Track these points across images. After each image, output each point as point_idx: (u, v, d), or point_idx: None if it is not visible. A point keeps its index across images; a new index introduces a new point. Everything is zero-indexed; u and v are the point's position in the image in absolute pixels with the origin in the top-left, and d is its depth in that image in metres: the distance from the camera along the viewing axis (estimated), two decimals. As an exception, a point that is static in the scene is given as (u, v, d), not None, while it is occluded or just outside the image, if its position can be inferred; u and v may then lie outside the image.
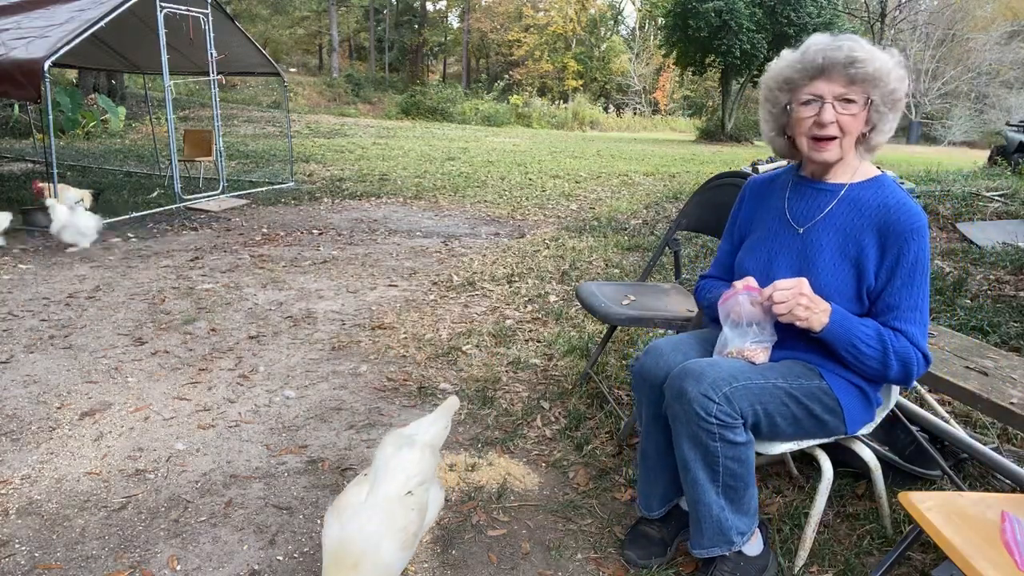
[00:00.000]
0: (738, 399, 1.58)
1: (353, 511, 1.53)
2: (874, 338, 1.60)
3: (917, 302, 1.61)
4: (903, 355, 1.59)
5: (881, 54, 1.60)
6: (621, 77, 38.03)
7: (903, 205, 1.62)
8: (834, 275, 1.66)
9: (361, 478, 1.63)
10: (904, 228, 1.59)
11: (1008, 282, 4.39)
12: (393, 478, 1.58)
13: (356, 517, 1.52)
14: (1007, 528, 1.35)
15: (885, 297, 1.63)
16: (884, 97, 1.62)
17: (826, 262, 1.68)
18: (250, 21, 30.26)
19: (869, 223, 1.64)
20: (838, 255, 1.67)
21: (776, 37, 22.53)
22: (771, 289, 1.61)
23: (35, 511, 2.06)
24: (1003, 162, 10.25)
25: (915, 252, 1.59)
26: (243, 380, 3.04)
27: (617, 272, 4.97)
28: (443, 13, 44.55)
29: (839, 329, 1.61)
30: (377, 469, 1.60)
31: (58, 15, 6.16)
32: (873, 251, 1.63)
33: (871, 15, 21.91)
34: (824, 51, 1.60)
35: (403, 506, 1.57)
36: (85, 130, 14.20)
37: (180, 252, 5.39)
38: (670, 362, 1.78)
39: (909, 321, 1.60)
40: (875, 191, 1.67)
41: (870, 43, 1.62)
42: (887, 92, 1.61)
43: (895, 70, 1.60)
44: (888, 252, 1.61)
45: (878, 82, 1.59)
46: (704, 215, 2.94)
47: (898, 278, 1.60)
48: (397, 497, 1.57)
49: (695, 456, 1.64)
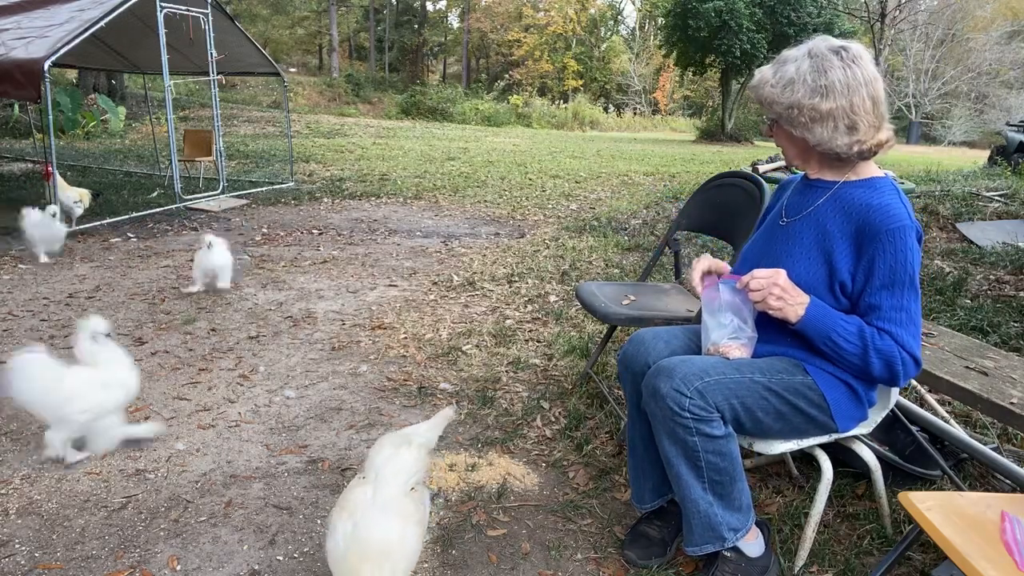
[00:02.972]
0: (711, 393, 1.60)
1: (365, 509, 1.54)
2: (854, 334, 1.60)
3: (902, 303, 1.59)
4: (886, 353, 1.58)
5: (769, 74, 1.64)
6: (621, 77, 38.06)
7: (884, 207, 1.60)
8: (807, 266, 1.68)
9: (359, 480, 1.64)
10: (878, 228, 1.57)
11: (1008, 282, 4.38)
12: (396, 476, 1.59)
13: (371, 513, 1.53)
14: (1007, 528, 1.35)
15: (865, 297, 1.62)
16: (779, 116, 1.65)
17: (801, 253, 1.70)
18: (250, 21, 30.29)
19: (848, 221, 1.64)
20: (813, 247, 1.69)
21: (776, 37, 22.54)
22: (748, 277, 1.66)
23: (35, 511, 2.06)
24: (1003, 162, 10.25)
25: (893, 254, 1.57)
26: (243, 380, 3.04)
27: (617, 272, 4.97)
28: (443, 13, 44.58)
29: (816, 322, 1.62)
30: (378, 469, 1.61)
31: (58, 15, 6.15)
32: (847, 248, 1.63)
33: (871, 15, 21.87)
34: (752, 87, 1.71)
35: (413, 500, 1.60)
36: (85, 130, 14.19)
37: (180, 252, 5.39)
38: (652, 351, 1.81)
39: (894, 322, 1.59)
40: (864, 191, 1.66)
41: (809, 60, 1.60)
42: (777, 112, 1.64)
43: (779, 90, 1.61)
44: (864, 252, 1.61)
45: (767, 106, 1.66)
46: (704, 215, 2.95)
47: (876, 279, 1.59)
48: (404, 492, 1.59)
49: (676, 452, 1.65)
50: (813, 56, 1.60)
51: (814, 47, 1.61)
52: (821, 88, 1.57)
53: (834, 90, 1.56)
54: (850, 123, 1.58)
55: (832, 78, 1.57)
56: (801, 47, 1.64)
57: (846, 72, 1.57)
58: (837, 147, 1.62)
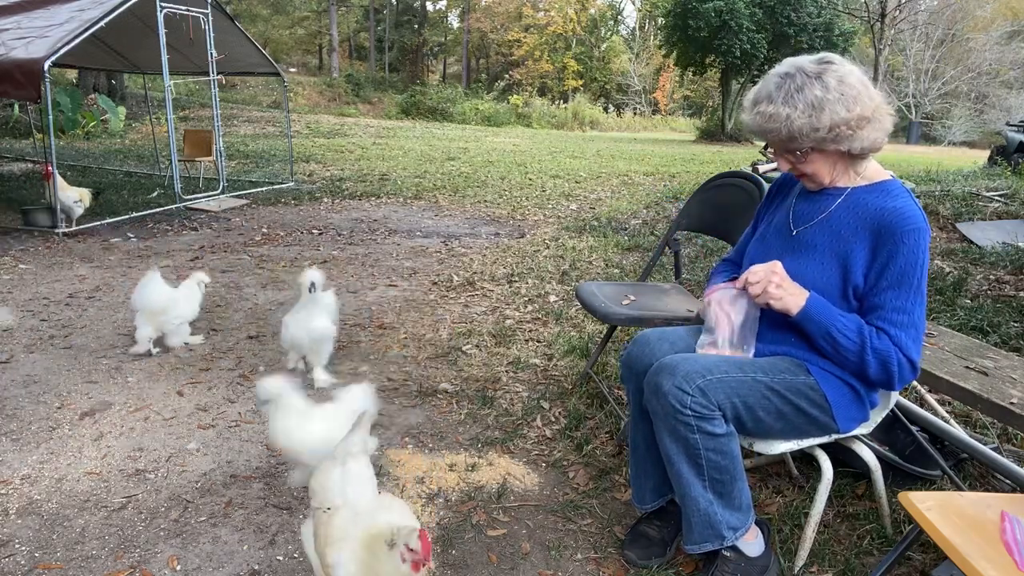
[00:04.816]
0: (713, 391, 1.60)
1: (359, 539, 1.42)
2: (854, 331, 1.61)
3: (905, 306, 1.59)
4: (883, 354, 1.58)
5: (785, 109, 1.56)
6: (621, 77, 38.05)
7: (901, 209, 1.60)
8: (821, 273, 1.67)
9: (323, 514, 1.52)
10: (897, 230, 1.58)
11: (1008, 282, 4.38)
12: (362, 492, 1.53)
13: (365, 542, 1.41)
14: (1007, 528, 1.35)
15: (871, 297, 1.63)
16: (818, 141, 1.60)
17: (815, 260, 1.69)
18: (250, 21, 30.28)
19: (864, 225, 1.64)
20: (828, 254, 1.68)
21: (776, 37, 22.54)
22: (746, 274, 1.67)
23: (35, 511, 2.06)
24: (1003, 162, 10.24)
25: (906, 256, 1.57)
26: (243, 380, 3.04)
27: (617, 272, 4.97)
28: (443, 13, 44.56)
29: (816, 315, 1.63)
30: (341, 492, 1.53)
31: (58, 15, 6.15)
32: (863, 251, 1.63)
33: (871, 15, 21.86)
34: (749, 124, 1.67)
35: (395, 505, 1.56)
36: (85, 130, 14.19)
37: (180, 252, 5.39)
38: (656, 352, 1.81)
39: (894, 324, 1.59)
40: (878, 195, 1.66)
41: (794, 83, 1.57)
42: (816, 139, 1.59)
43: (812, 117, 1.55)
44: (879, 254, 1.61)
45: (801, 139, 1.60)
46: (704, 215, 2.95)
47: (885, 279, 1.60)
48: (379, 504, 1.53)
49: (677, 450, 1.65)
50: (814, 75, 1.57)
51: (799, 69, 1.58)
52: (851, 97, 1.56)
53: (860, 93, 1.57)
54: (881, 114, 1.60)
55: (852, 82, 1.57)
56: (783, 78, 1.59)
57: (852, 73, 1.58)
58: (878, 143, 1.62)
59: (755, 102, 1.63)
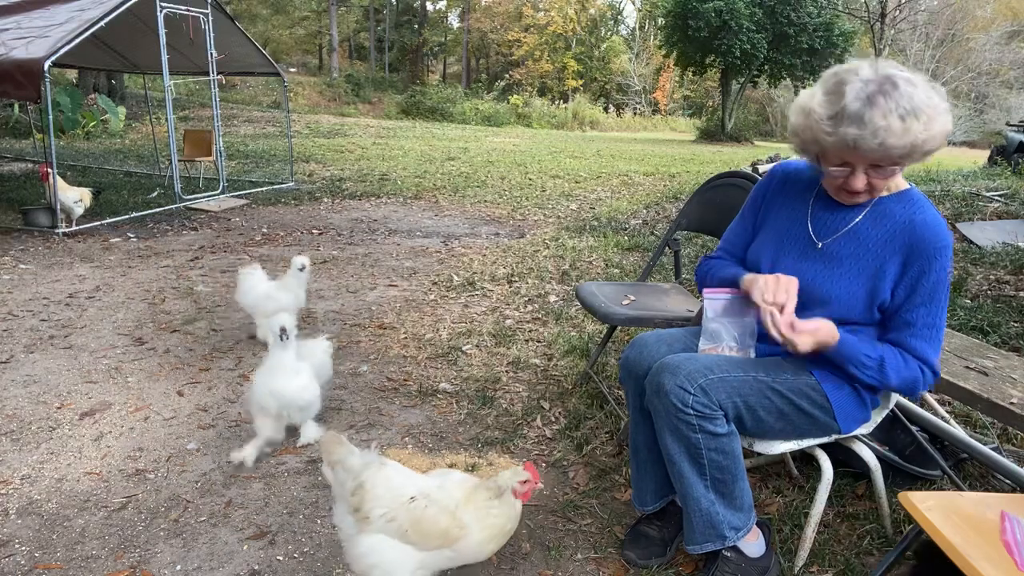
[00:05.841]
0: (714, 390, 1.60)
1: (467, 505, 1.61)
2: (874, 368, 1.61)
3: (935, 320, 1.61)
4: (909, 381, 1.61)
5: (916, 125, 1.44)
6: (621, 77, 38.05)
7: (931, 224, 1.59)
8: (847, 286, 1.65)
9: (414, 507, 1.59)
10: (930, 247, 1.57)
11: (1008, 282, 4.38)
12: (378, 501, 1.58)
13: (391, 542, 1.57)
14: (1007, 528, 1.35)
15: (903, 314, 1.62)
16: (916, 158, 1.51)
17: (841, 274, 1.65)
18: (250, 21, 30.28)
19: (893, 239, 1.62)
20: (856, 269, 1.65)
21: (776, 37, 22.56)
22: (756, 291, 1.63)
23: (35, 511, 2.06)
24: (1003, 162, 10.24)
25: (938, 272, 1.58)
26: (243, 380, 3.03)
27: (617, 272, 4.97)
28: (443, 13, 44.57)
29: (836, 356, 1.63)
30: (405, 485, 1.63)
31: (58, 15, 6.15)
32: (894, 267, 1.61)
33: (871, 15, 21.87)
34: (857, 137, 1.45)
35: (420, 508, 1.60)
36: (85, 130, 14.19)
37: (180, 252, 5.39)
38: (654, 354, 1.80)
39: (923, 338, 1.61)
40: (904, 206, 1.63)
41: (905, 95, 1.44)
42: (919, 154, 1.50)
43: (930, 135, 1.46)
44: (910, 269, 1.60)
45: (911, 155, 1.49)
46: (704, 215, 2.95)
47: (918, 295, 1.60)
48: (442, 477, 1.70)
49: (679, 449, 1.65)
50: (908, 80, 1.46)
51: (884, 76, 1.46)
52: (945, 108, 1.48)
53: (942, 96, 1.49)
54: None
55: (936, 85, 1.50)
56: (867, 82, 1.46)
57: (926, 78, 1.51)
58: (940, 146, 1.53)
59: (902, 117, 1.43)
